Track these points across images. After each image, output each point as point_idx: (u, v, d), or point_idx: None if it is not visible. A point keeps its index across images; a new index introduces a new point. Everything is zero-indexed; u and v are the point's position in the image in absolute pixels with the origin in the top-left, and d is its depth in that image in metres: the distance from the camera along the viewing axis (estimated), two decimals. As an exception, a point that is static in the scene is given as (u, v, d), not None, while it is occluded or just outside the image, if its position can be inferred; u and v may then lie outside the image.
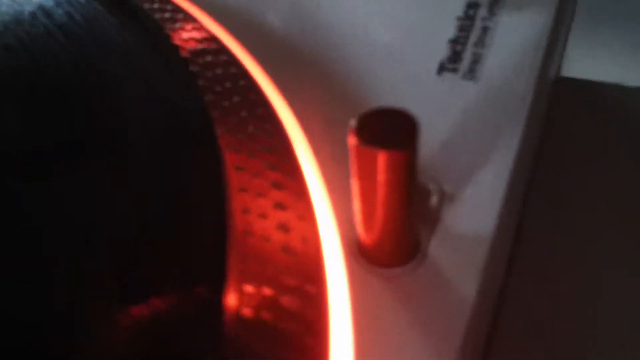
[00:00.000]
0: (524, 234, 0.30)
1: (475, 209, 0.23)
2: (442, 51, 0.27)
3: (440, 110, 0.25)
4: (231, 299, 0.20)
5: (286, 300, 0.20)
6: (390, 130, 0.19)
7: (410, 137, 0.18)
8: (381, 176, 0.19)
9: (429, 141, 0.24)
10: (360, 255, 0.22)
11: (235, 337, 0.20)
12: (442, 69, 0.27)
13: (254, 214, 0.22)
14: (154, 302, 0.19)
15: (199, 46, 0.28)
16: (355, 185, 0.20)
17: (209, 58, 0.27)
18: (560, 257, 0.29)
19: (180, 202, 0.21)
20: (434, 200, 0.23)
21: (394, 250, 0.21)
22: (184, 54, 0.27)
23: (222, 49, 0.28)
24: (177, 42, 0.27)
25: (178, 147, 0.22)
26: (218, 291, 0.20)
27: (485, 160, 0.24)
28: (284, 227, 0.22)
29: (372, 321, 0.21)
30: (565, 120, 0.34)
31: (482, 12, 0.28)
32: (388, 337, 0.21)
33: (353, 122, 0.19)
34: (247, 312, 0.20)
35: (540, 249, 0.29)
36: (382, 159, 0.18)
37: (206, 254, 0.20)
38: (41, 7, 0.25)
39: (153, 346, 0.19)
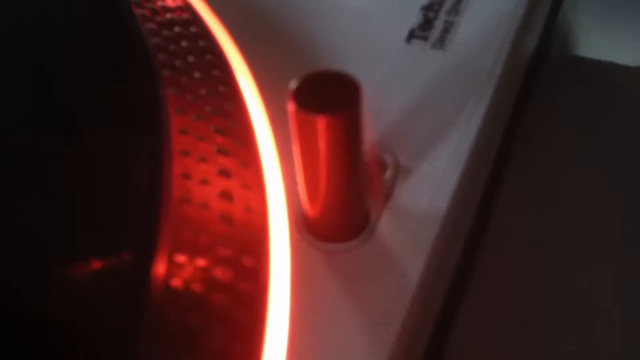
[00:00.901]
0: (495, 215, 0.28)
1: (431, 185, 0.21)
2: (413, 18, 0.26)
3: (404, 79, 0.24)
4: (159, 268, 0.19)
5: (219, 272, 0.19)
6: (332, 95, 0.17)
7: (352, 102, 0.17)
8: (321, 144, 0.18)
9: (390, 111, 0.23)
10: (305, 228, 0.21)
11: (161, 307, 0.18)
12: (411, 36, 0.25)
13: (194, 179, 0.21)
14: (76, 266, 0.18)
15: (160, 3, 0.26)
16: (297, 154, 0.19)
17: (169, 15, 0.26)
18: (531, 240, 0.28)
19: (111, 162, 0.20)
20: (388, 173, 0.22)
21: (338, 224, 0.20)
22: (143, 11, 0.26)
23: (186, 7, 0.27)
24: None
25: (113, 106, 0.21)
26: (145, 259, 0.18)
27: (446, 135, 0.22)
28: (226, 195, 0.21)
29: (312, 297, 0.20)
30: (551, 99, 0.33)
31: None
32: (327, 314, 0.20)
33: (292, 86, 0.17)
34: (176, 282, 0.19)
35: (511, 231, 0.28)
36: (321, 124, 0.17)
37: (135, 219, 0.19)
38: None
39: (72, 314, 0.18)
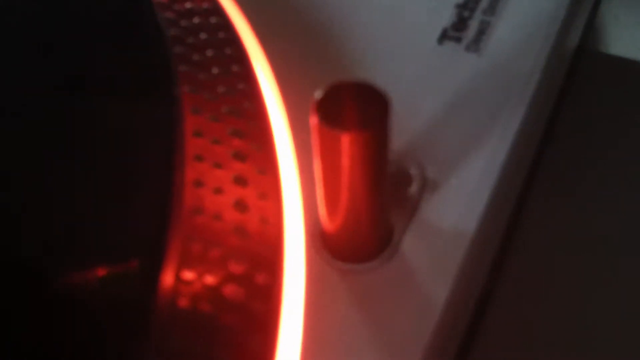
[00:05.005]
0: (523, 227, 0.27)
1: (460, 200, 0.20)
2: (447, 16, 0.24)
3: (435, 83, 0.22)
4: (166, 284, 0.17)
5: (230, 290, 0.18)
6: (359, 107, 0.16)
7: (380, 118, 0.16)
8: (345, 160, 0.16)
9: (418, 118, 0.22)
10: (322, 245, 0.20)
11: (166, 327, 0.17)
12: (444, 36, 0.24)
13: (208, 187, 0.20)
14: (78, 273, 0.17)
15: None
16: (317, 168, 0.17)
17: (188, 5, 0.25)
18: (561, 257, 0.26)
19: (121, 166, 0.18)
20: (414, 187, 0.20)
21: (358, 244, 0.19)
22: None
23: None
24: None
25: (125, 102, 0.19)
26: (152, 272, 0.17)
27: (478, 146, 0.21)
28: (241, 206, 0.19)
29: (328, 320, 0.19)
30: (584, 99, 0.31)
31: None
32: (344, 339, 0.18)
33: (316, 96, 0.16)
34: (183, 301, 0.18)
35: (539, 245, 0.26)
36: (345, 141, 0.16)
37: (143, 229, 0.18)
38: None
39: (67, 325, 0.17)
